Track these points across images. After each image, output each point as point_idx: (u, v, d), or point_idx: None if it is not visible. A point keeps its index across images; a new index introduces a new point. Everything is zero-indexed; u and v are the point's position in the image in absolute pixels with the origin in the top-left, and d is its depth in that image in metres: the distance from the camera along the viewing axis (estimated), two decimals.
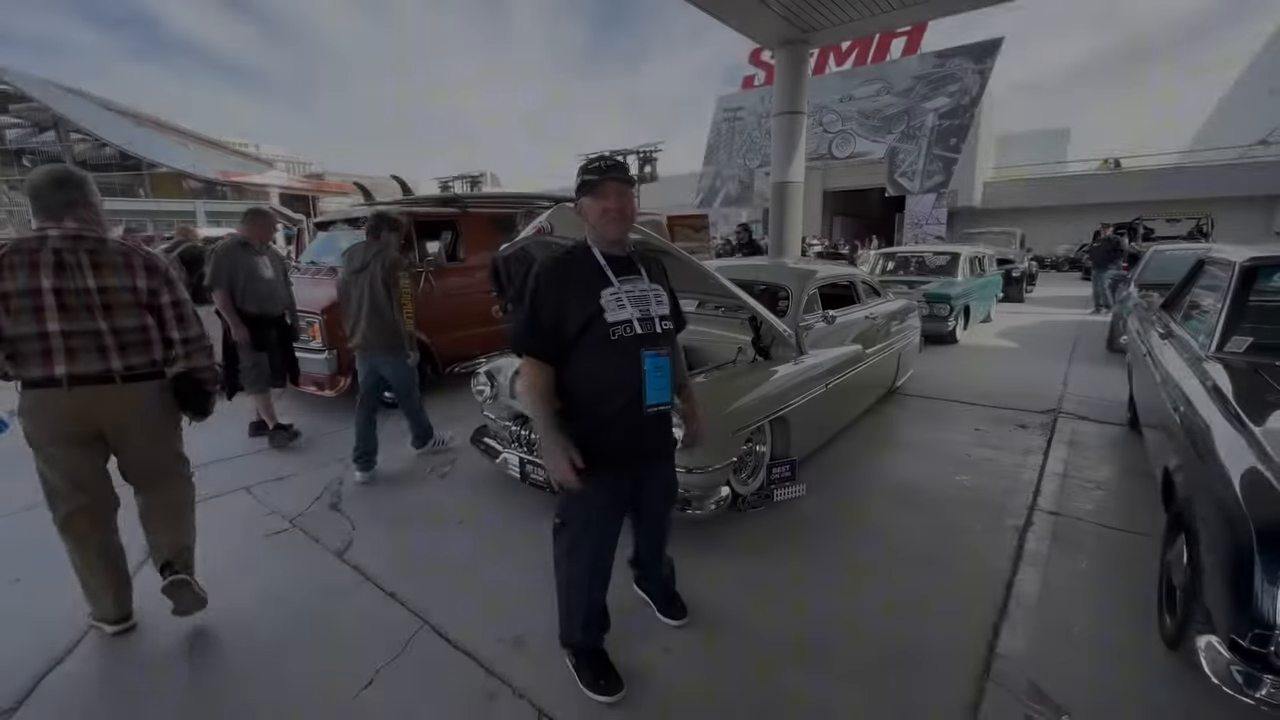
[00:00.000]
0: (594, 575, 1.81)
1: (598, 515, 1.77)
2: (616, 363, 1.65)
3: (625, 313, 1.65)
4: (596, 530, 1.78)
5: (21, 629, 2.21)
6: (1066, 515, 2.95)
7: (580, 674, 1.85)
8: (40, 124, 43.94)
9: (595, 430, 1.67)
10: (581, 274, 1.67)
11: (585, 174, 1.65)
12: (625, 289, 1.68)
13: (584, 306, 1.63)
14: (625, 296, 1.67)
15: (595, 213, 1.66)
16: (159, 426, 2.14)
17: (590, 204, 1.66)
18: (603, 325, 1.63)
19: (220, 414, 4.51)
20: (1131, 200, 23.01)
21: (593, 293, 1.64)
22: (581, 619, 1.84)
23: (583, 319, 1.63)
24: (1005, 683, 1.85)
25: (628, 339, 1.64)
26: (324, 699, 1.84)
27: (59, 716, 1.80)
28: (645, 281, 1.75)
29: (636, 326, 1.66)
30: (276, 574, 2.55)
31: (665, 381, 1.69)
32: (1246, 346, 2.38)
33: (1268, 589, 1.29)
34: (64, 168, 2.04)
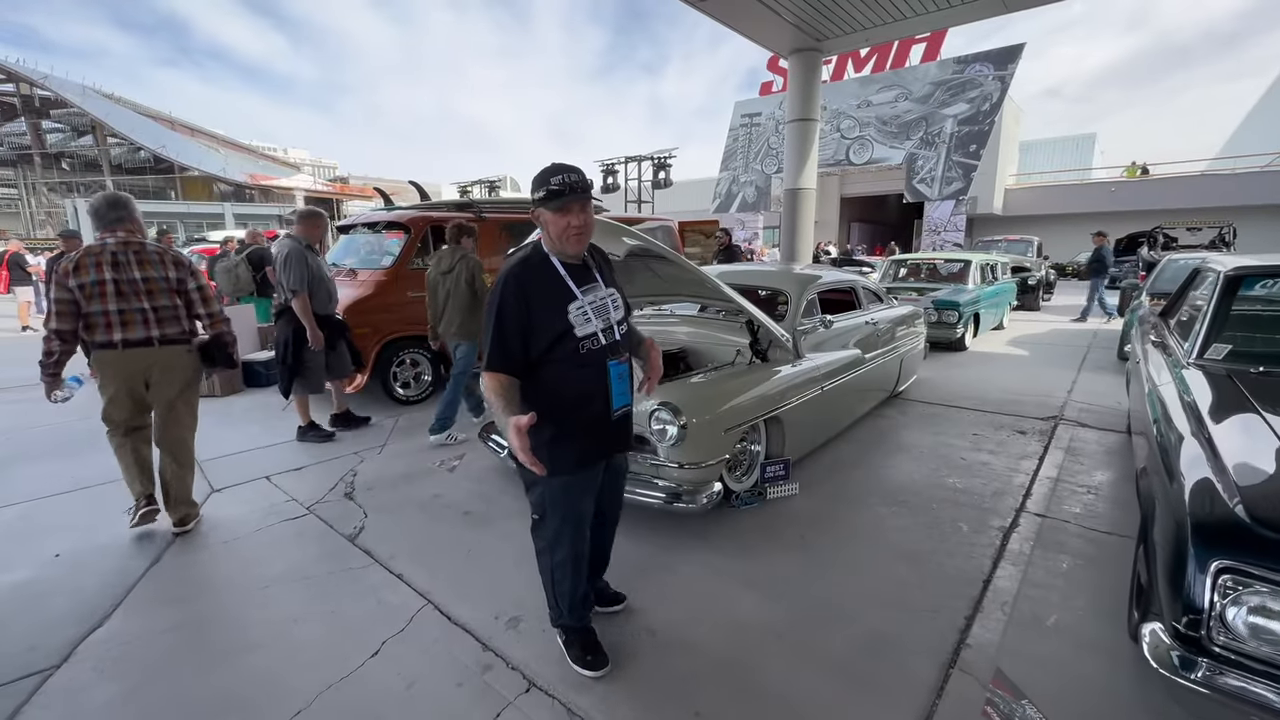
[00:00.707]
0: (577, 562, 1.91)
1: (576, 508, 1.85)
2: (585, 374, 1.74)
3: (592, 326, 1.72)
4: (575, 522, 1.86)
5: (61, 598, 2.40)
6: (1053, 518, 3.01)
7: (569, 650, 1.97)
8: (79, 128, 45.52)
9: (569, 433, 1.75)
10: (545, 286, 1.69)
11: (549, 186, 1.64)
12: (589, 300, 1.73)
13: (552, 323, 1.67)
14: (589, 309, 1.72)
15: (558, 227, 1.67)
16: (183, 377, 2.92)
17: (553, 218, 1.66)
18: (572, 340, 1.69)
19: (242, 410, 4.80)
20: (1156, 208, 22.62)
21: (559, 308, 1.68)
22: (568, 602, 1.94)
23: (552, 335, 1.67)
24: (971, 670, 1.95)
25: (595, 351, 1.73)
26: (335, 664, 1.99)
27: (95, 675, 1.98)
28: (603, 287, 1.80)
29: (601, 338, 1.74)
30: (293, 555, 2.73)
31: (626, 385, 1.82)
32: (1225, 354, 2.44)
33: (1199, 577, 1.38)
34: (114, 193, 2.80)
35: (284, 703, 1.83)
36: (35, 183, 45.18)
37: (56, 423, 4.63)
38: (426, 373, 5.37)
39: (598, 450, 1.85)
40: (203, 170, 42.99)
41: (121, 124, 42.21)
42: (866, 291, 4.89)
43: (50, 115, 44.72)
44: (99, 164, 44.39)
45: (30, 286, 10.79)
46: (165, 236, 8.74)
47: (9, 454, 3.94)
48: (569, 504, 1.83)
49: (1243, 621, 1.35)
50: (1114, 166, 29.40)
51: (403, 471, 3.71)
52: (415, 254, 5.32)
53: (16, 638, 2.16)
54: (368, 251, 5.64)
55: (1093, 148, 31.75)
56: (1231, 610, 1.36)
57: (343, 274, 5.39)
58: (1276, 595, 1.32)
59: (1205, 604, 1.36)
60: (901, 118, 23.88)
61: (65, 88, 40.93)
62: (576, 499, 1.85)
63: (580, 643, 1.97)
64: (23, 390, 5.70)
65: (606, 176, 15.04)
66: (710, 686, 1.89)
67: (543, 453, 1.66)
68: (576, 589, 1.94)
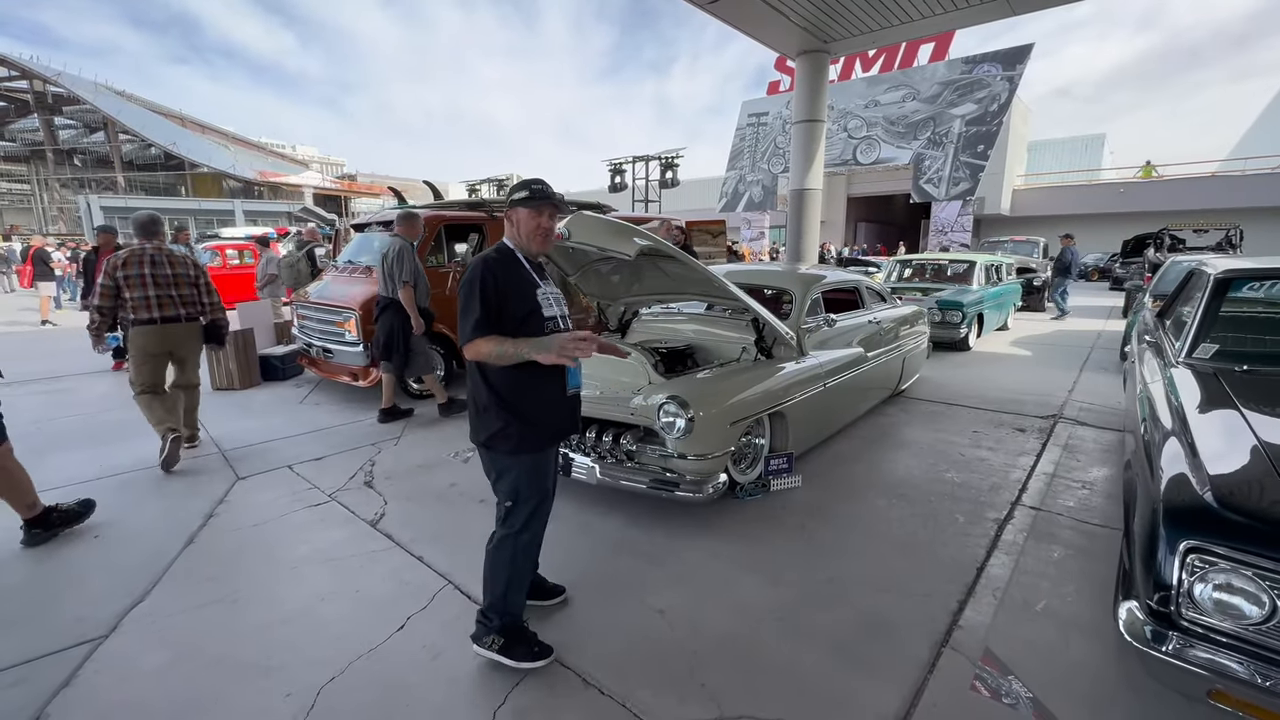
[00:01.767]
0: (537, 544, 2.06)
1: (544, 487, 2.01)
2: None
3: (553, 310, 1.96)
4: (544, 501, 2.01)
5: (103, 575, 2.55)
6: (1047, 511, 3.12)
7: (513, 652, 1.96)
8: (91, 125, 45.96)
9: (539, 409, 1.92)
10: (517, 272, 1.92)
11: (530, 190, 1.91)
12: (549, 290, 1.99)
13: (525, 299, 1.89)
14: (550, 297, 1.97)
15: (530, 226, 1.92)
16: (198, 344, 4.03)
17: (527, 216, 1.91)
18: (539, 319, 1.91)
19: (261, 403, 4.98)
20: (1165, 209, 22.54)
21: (528, 291, 1.91)
22: (521, 589, 2.03)
23: (525, 309, 1.88)
24: (961, 648, 2.06)
25: (558, 332, 1.93)
26: (363, 637, 2.13)
27: (142, 644, 2.12)
28: (553, 286, 2.04)
29: (560, 323, 1.97)
30: (318, 538, 2.87)
31: (578, 371, 2.02)
32: (1212, 354, 2.54)
33: (1169, 557, 1.49)
34: (151, 213, 3.89)
35: (317, 670, 1.97)
36: (48, 178, 45.69)
37: (83, 414, 4.80)
38: (440, 367, 5.50)
39: (561, 429, 2.02)
40: (213, 167, 43.33)
41: (133, 121, 42.59)
42: (870, 291, 5.00)
43: (63, 112, 45.20)
44: (110, 160, 44.83)
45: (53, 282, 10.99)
46: (181, 234, 8.93)
47: (41, 444, 4.10)
48: (539, 484, 1.98)
49: (1209, 597, 1.46)
50: (1124, 167, 29.30)
51: (419, 462, 3.85)
52: (429, 252, 5.45)
53: (64, 610, 2.30)
54: (382, 249, 5.78)
55: (1102, 148, 31.63)
56: (1199, 587, 1.47)
57: (358, 271, 5.54)
58: (1239, 573, 1.43)
59: (1174, 580, 1.48)
60: (909, 118, 23.87)
61: (78, 85, 41.33)
62: (544, 478, 2.00)
63: (522, 640, 2.00)
64: (48, 383, 5.88)
65: (614, 176, 15.16)
66: (715, 661, 2.02)
67: (514, 436, 1.88)
68: (529, 577, 2.08)
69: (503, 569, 1.99)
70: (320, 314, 5.39)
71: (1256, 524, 1.43)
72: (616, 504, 3.17)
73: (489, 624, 2.00)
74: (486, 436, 1.93)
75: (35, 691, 1.89)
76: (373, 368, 4.94)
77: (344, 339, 5.11)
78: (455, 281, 5.46)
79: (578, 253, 3.43)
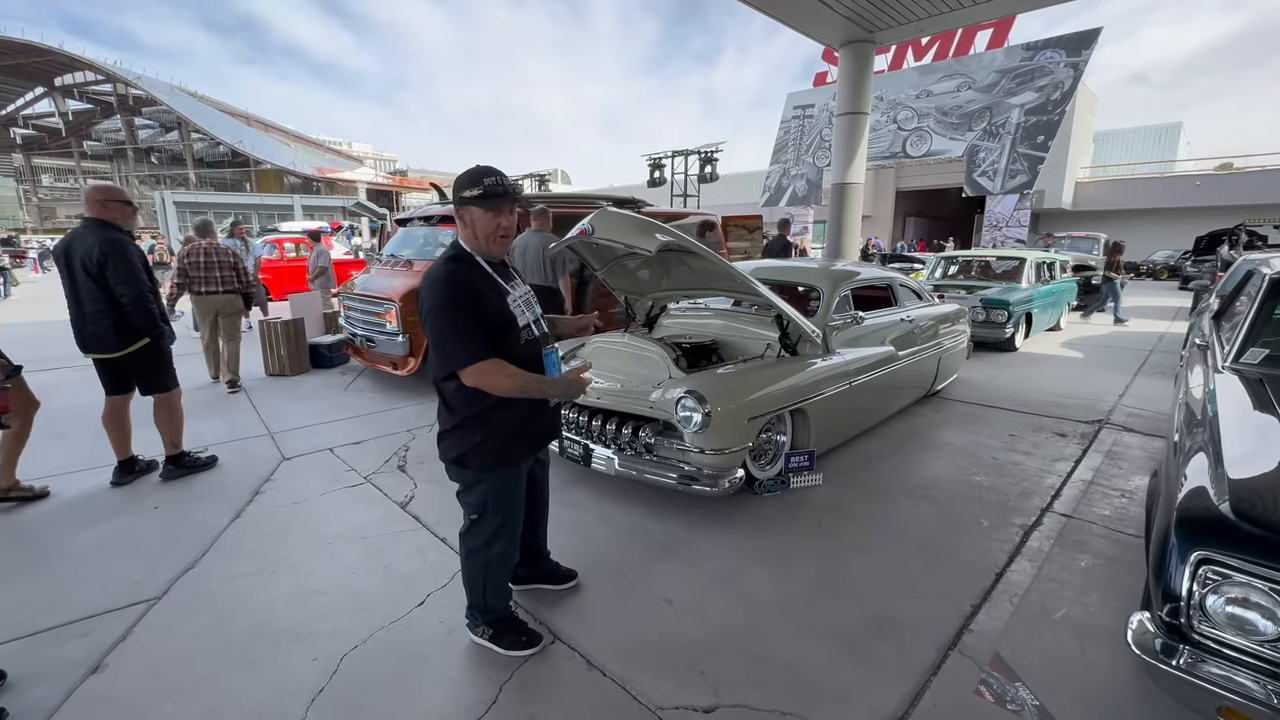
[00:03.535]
0: (513, 549, 2.03)
1: (515, 499, 1.96)
2: (527, 364, 1.80)
3: (525, 317, 1.84)
4: (515, 512, 1.97)
5: (159, 544, 2.78)
6: (1079, 519, 3.01)
7: (502, 641, 2.02)
8: (166, 125, 48.98)
9: (516, 422, 1.84)
10: (484, 281, 1.76)
11: (484, 187, 1.70)
12: (518, 294, 1.85)
13: (499, 311, 1.76)
14: (520, 301, 1.84)
15: (488, 227, 1.74)
16: (235, 309, 5.66)
17: (483, 217, 1.73)
18: (515, 330, 1.79)
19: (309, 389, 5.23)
20: (1244, 204, 20.97)
21: (500, 301, 1.77)
22: (500, 591, 2.05)
23: (501, 321, 1.76)
24: (969, 653, 2.03)
25: (532, 340, 1.85)
26: (387, 609, 2.26)
27: (190, 607, 2.31)
28: (521, 285, 1.91)
29: (534, 329, 1.87)
30: (353, 517, 3.04)
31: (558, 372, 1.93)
32: (1262, 359, 2.40)
33: (1179, 567, 1.44)
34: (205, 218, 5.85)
35: (342, 639, 2.11)
36: (128, 175, 48.95)
37: None
38: None
39: (539, 439, 1.98)
40: (275, 164, 45.54)
41: (204, 120, 45.17)
42: (905, 289, 4.88)
43: (141, 113, 48.37)
44: (183, 158, 47.71)
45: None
46: (238, 229, 9.45)
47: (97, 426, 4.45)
48: (511, 497, 1.94)
49: (1221, 611, 1.41)
50: (1201, 159, 27.36)
51: None
52: None
53: (123, 573, 2.53)
54: (424, 244, 5.99)
55: (1178, 138, 29.57)
56: (1211, 599, 1.42)
57: (400, 264, 5.76)
58: (1254, 587, 1.37)
59: (1184, 592, 1.43)
60: (963, 108, 22.94)
61: (155, 87, 44.10)
62: (516, 491, 1.95)
63: (510, 629, 2.05)
64: None
65: (653, 171, 15.18)
66: (718, 650, 2.06)
67: (490, 453, 1.82)
68: (507, 581, 2.08)
69: (477, 577, 2.00)
70: (364, 305, 5.64)
71: (1272, 536, 1.37)
72: (635, 495, 3.23)
73: (477, 617, 2.06)
74: (458, 454, 1.85)
75: (98, 643, 2.10)
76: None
77: (385, 329, 5.34)
78: None
79: (603, 248, 3.49)
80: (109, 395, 3.42)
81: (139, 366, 3.39)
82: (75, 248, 3.14)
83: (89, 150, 51.92)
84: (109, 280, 3.14)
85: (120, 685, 1.91)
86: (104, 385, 3.41)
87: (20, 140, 52.66)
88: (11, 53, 43.39)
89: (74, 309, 3.22)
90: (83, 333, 3.24)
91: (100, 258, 3.10)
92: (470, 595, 2.05)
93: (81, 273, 3.13)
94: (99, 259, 3.10)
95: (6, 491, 3.13)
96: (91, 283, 3.14)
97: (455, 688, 1.89)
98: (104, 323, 3.20)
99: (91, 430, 4.00)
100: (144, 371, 3.42)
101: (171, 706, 1.82)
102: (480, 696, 1.85)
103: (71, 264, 3.15)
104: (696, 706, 1.81)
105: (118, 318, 3.22)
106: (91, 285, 3.14)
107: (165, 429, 3.55)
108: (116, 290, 3.16)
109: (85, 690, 1.88)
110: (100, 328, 3.21)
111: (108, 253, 3.11)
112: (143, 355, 3.35)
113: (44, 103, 51.25)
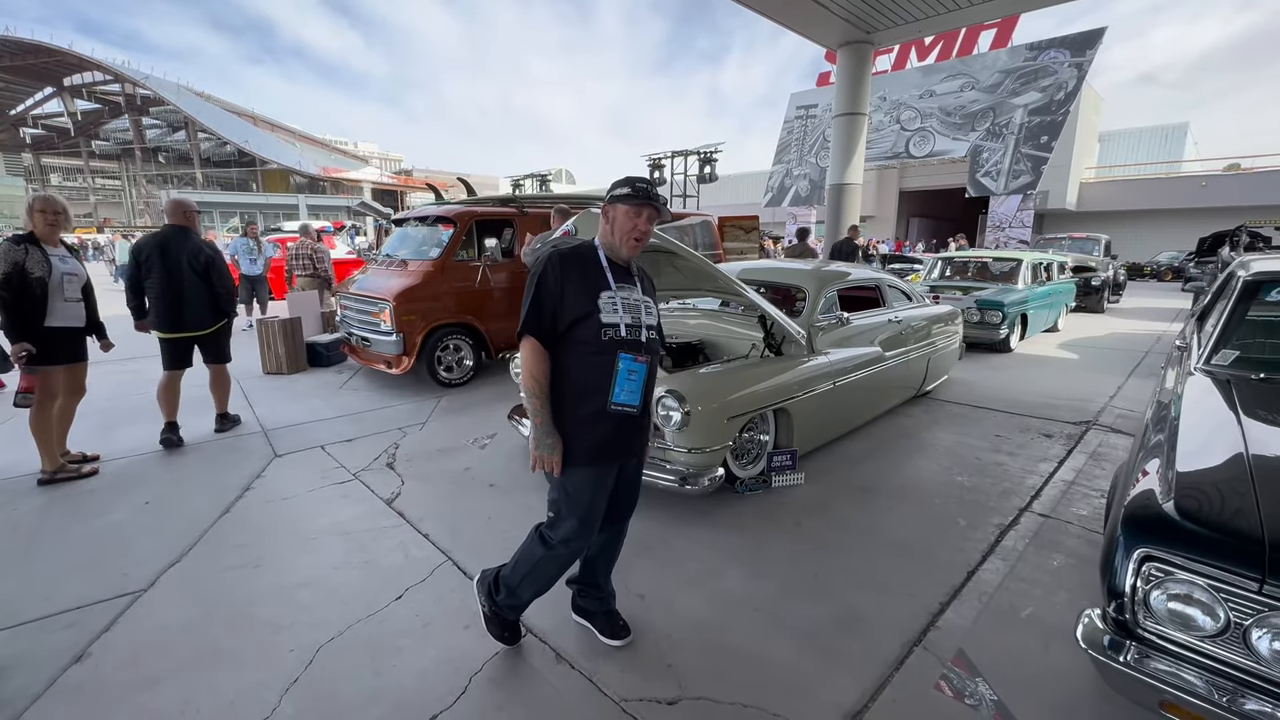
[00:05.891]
0: (565, 565, 1.95)
1: (590, 505, 1.85)
2: (598, 362, 1.75)
3: (617, 316, 1.76)
4: (587, 520, 1.85)
5: (148, 537, 2.84)
6: (1056, 518, 3.03)
7: (490, 625, 2.03)
8: (174, 124, 49.29)
9: (576, 427, 1.78)
10: (586, 271, 1.78)
11: (633, 188, 1.77)
12: (621, 295, 1.80)
13: (581, 303, 1.74)
14: (620, 302, 1.78)
15: (625, 227, 1.78)
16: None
17: (624, 215, 1.78)
18: (595, 324, 1.74)
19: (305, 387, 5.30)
20: (1250, 205, 20.83)
21: (592, 292, 1.76)
22: (531, 593, 1.97)
23: (578, 313, 1.74)
24: (934, 649, 2.07)
25: (615, 341, 1.76)
26: (365, 603, 2.31)
27: (176, 599, 2.37)
28: (639, 292, 1.86)
29: (623, 330, 1.77)
30: (339, 513, 3.09)
31: (637, 386, 1.77)
32: (1232, 360, 2.42)
33: (1124, 563, 1.47)
34: (306, 224, 8.04)
35: (320, 630, 2.16)
36: (136, 175, 49.37)
37: (146, 394, 5.25)
38: (468, 357, 5.74)
39: (601, 449, 1.82)
40: (281, 163, 45.80)
41: (211, 120, 45.48)
42: (894, 290, 4.90)
43: (149, 112, 48.71)
44: (190, 158, 48.02)
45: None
46: (251, 228, 9.53)
47: (112, 419, 4.54)
48: (579, 504, 1.83)
49: (1165, 607, 1.44)
50: (1207, 159, 27.16)
51: (440, 446, 4.06)
52: (460, 247, 5.68)
53: (112, 565, 2.59)
54: (418, 244, 6.05)
55: (1185, 139, 29.40)
56: (1155, 596, 1.45)
57: (395, 264, 5.82)
58: (1195, 584, 1.40)
59: (1127, 588, 1.46)
60: (967, 108, 22.86)
61: (162, 87, 44.43)
62: (585, 499, 1.83)
63: (501, 625, 2.04)
64: (121, 364, 6.45)
65: (653, 171, 15.22)
66: (685, 645, 2.09)
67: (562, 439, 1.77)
68: (546, 587, 1.98)
69: (526, 563, 1.94)
70: (360, 304, 5.70)
71: (1214, 535, 1.40)
72: None
73: (495, 594, 2.01)
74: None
75: (83, 632, 2.15)
76: None
77: (379, 329, 5.39)
78: (484, 276, 5.67)
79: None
80: (170, 370, 4.03)
81: (218, 340, 4.18)
82: (173, 247, 3.87)
83: (97, 150, 52.38)
84: (210, 275, 3.97)
85: (101, 674, 1.96)
86: (170, 361, 4.03)
87: (29, 140, 53.17)
88: (21, 53, 43.85)
89: (168, 296, 3.89)
90: (178, 315, 3.95)
91: (206, 258, 3.95)
92: (510, 570, 1.98)
93: (187, 268, 3.89)
94: (205, 259, 3.94)
95: (54, 473, 3.40)
96: (195, 276, 3.92)
97: (426, 678, 1.94)
98: (203, 307, 4.00)
99: (92, 425, 4.08)
100: (220, 344, 4.21)
101: (149, 695, 1.87)
102: (450, 687, 1.89)
103: (169, 260, 3.85)
104: (660, 699, 1.85)
105: (212, 303, 4.04)
106: (195, 278, 3.93)
107: (219, 393, 4.34)
108: (216, 283, 4.01)
109: (67, 679, 1.94)
110: (200, 310, 4.00)
111: (210, 254, 3.99)
112: (224, 330, 4.20)
113: (53, 103, 51.75)
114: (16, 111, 51.92)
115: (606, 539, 2.08)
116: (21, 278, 3.15)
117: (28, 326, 3.19)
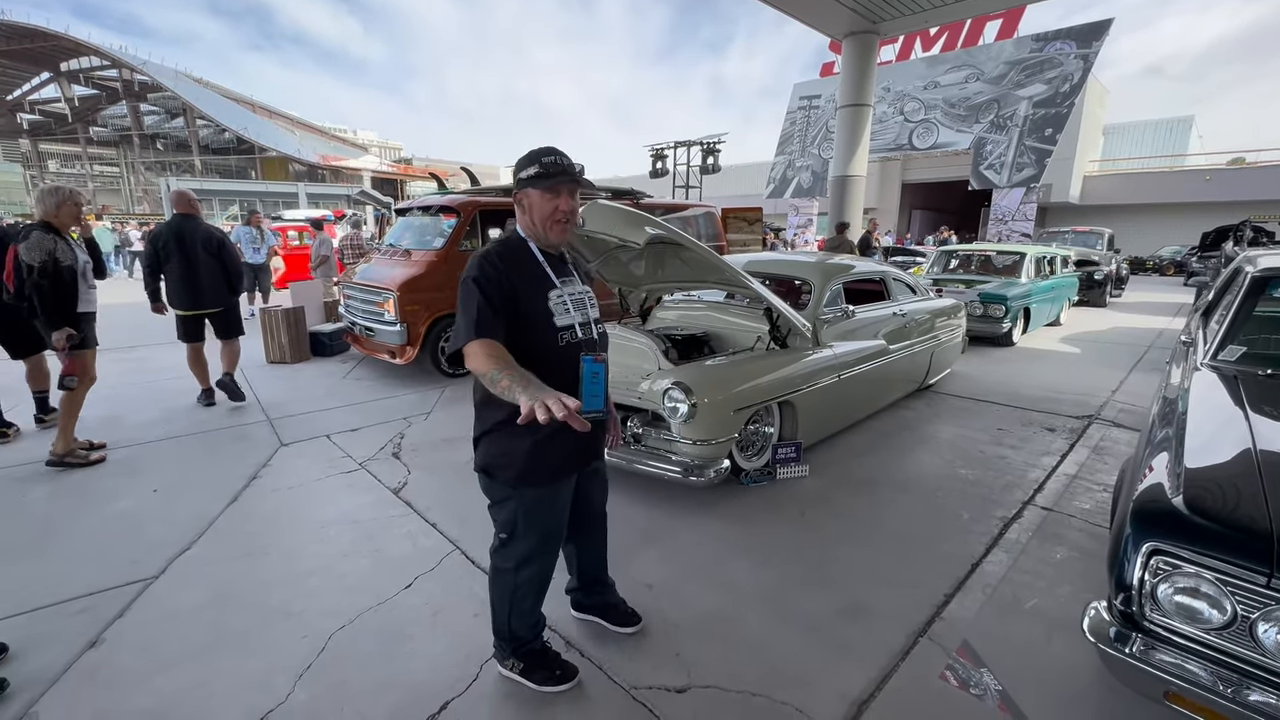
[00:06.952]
0: (543, 581, 1.82)
1: (550, 523, 1.74)
2: (557, 369, 1.54)
3: (570, 318, 1.62)
4: (548, 538, 1.76)
5: (158, 525, 2.86)
6: (1059, 512, 3.05)
7: (533, 677, 1.84)
8: (172, 111, 48.90)
9: (538, 445, 1.60)
10: (525, 269, 1.60)
11: (541, 165, 1.55)
12: (568, 291, 1.65)
13: (532, 301, 1.58)
14: (569, 299, 1.63)
15: (544, 211, 1.58)
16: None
17: (540, 199, 1.58)
18: (551, 330, 1.59)
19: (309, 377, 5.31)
20: (1255, 199, 20.76)
21: (540, 292, 1.60)
22: (528, 621, 1.85)
23: (531, 312, 1.57)
24: (939, 640, 2.09)
25: (573, 344, 1.61)
26: (375, 591, 2.33)
27: (185, 586, 2.39)
28: (579, 283, 1.72)
29: (579, 331, 1.64)
30: (346, 502, 3.11)
31: (600, 388, 1.45)
32: (1239, 356, 2.43)
33: (1132, 557, 1.49)
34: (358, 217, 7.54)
35: (331, 618, 2.18)
36: (134, 162, 49.08)
37: (150, 381, 5.26)
38: None
39: (574, 458, 1.72)
40: (280, 151, 45.50)
41: (209, 107, 45.11)
42: (898, 283, 4.90)
43: (147, 99, 48.30)
44: (189, 145, 47.71)
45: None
46: (254, 216, 9.48)
47: (117, 409, 4.54)
48: (543, 519, 1.72)
49: (1171, 600, 1.46)
50: (1213, 153, 27.02)
51: (444, 436, 4.07)
52: (465, 237, 5.66)
53: (122, 553, 2.61)
54: (421, 233, 6.03)
55: (1189, 132, 29.21)
56: (1162, 589, 1.47)
57: (398, 254, 5.81)
58: (1203, 578, 1.41)
59: (1135, 581, 1.47)
60: (971, 100, 22.70)
61: (161, 73, 44.02)
62: (550, 513, 1.73)
63: (543, 665, 1.87)
64: (125, 352, 6.46)
65: (655, 161, 15.14)
66: (693, 634, 2.12)
67: (516, 466, 1.62)
68: (537, 608, 1.86)
69: (503, 602, 1.81)
70: (363, 294, 5.70)
71: (1223, 530, 1.41)
72: (620, 483, 3.28)
73: (504, 649, 1.88)
74: (484, 462, 1.68)
75: (96, 618, 2.18)
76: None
77: (383, 319, 5.39)
78: None
79: (596, 240, 3.52)
80: (190, 343, 4.55)
81: (231, 316, 4.66)
82: (187, 234, 4.33)
83: (95, 136, 52.00)
84: (223, 255, 4.46)
85: (115, 659, 1.98)
86: (187, 335, 4.53)
87: (27, 126, 52.79)
88: (18, 37, 43.40)
89: (186, 278, 4.36)
90: (197, 294, 4.43)
91: (217, 240, 4.46)
92: (495, 620, 1.85)
93: (203, 252, 4.36)
94: (217, 241, 4.45)
95: (63, 456, 3.46)
96: (211, 258, 4.40)
97: (437, 665, 1.96)
98: (220, 287, 4.49)
99: (98, 413, 4.10)
100: (232, 320, 4.69)
101: (163, 678, 1.89)
102: (461, 674, 1.92)
103: (186, 245, 4.31)
104: (669, 687, 1.88)
105: (226, 281, 4.53)
106: (211, 260, 4.40)
107: (228, 360, 4.73)
108: (229, 264, 4.51)
109: (83, 663, 1.96)
110: (217, 290, 4.48)
111: (220, 237, 4.52)
112: (235, 307, 4.69)
113: (50, 88, 51.31)
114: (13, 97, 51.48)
115: (588, 536, 2.01)
116: (54, 265, 3.24)
117: (66, 313, 3.34)
